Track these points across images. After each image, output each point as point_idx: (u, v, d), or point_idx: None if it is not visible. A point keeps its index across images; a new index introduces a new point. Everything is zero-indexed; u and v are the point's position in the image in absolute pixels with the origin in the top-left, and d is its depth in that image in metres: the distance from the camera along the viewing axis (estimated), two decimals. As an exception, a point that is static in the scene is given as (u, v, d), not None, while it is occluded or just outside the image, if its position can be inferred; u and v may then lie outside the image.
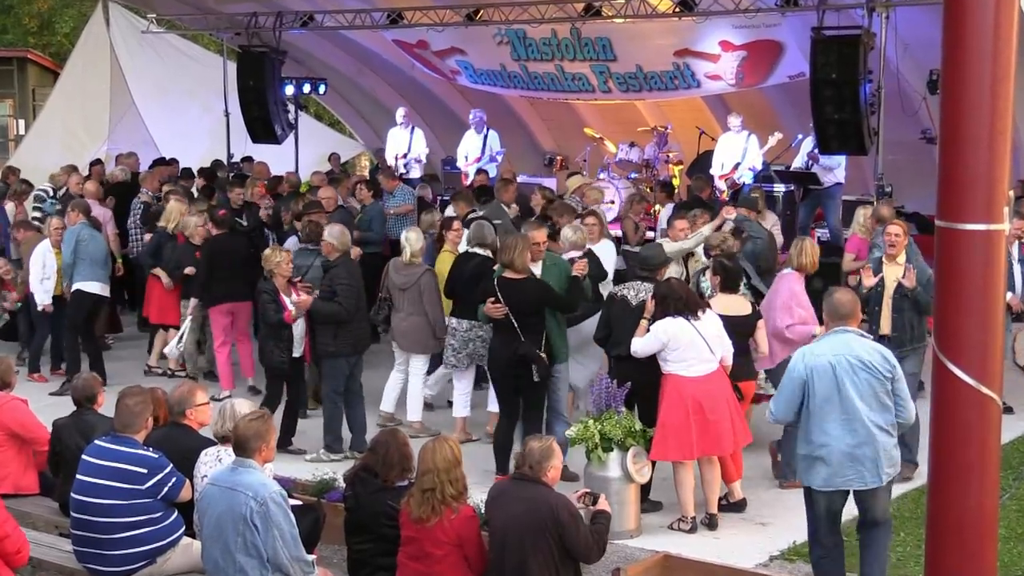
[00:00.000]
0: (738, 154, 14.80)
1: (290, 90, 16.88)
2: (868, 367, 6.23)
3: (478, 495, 6.40)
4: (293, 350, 9.37)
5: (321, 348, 9.28)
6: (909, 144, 14.08)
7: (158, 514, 6.29)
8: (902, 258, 8.77)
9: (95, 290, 11.43)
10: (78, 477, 6.36)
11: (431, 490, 5.91)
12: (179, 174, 16.02)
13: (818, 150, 13.00)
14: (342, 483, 6.95)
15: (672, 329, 7.63)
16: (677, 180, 16.44)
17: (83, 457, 6.41)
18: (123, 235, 13.40)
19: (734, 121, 14.98)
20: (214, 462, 6.39)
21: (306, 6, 16.48)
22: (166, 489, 6.27)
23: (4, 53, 30.06)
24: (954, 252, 4.42)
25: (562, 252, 9.24)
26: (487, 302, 8.45)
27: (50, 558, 6.65)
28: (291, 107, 16.82)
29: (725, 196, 14.82)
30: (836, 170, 13.82)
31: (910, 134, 13.97)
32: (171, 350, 11.14)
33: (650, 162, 16.72)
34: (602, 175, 16.85)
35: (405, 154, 17.05)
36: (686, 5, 14.03)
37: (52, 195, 14.34)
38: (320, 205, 11.78)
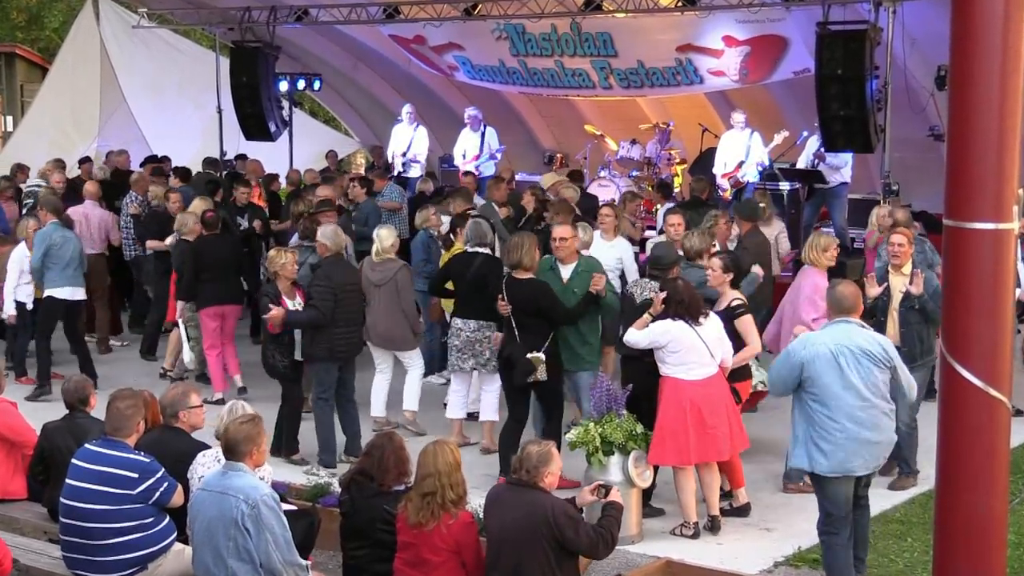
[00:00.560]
0: (741, 152, 14.80)
1: (284, 86, 16.86)
2: (869, 356, 6.48)
3: (476, 500, 6.40)
4: (295, 353, 9.28)
5: (302, 352, 9.20)
6: (916, 141, 14.08)
7: (149, 519, 6.28)
8: (908, 268, 8.62)
9: (66, 296, 11.25)
10: (68, 482, 6.35)
11: (431, 494, 5.91)
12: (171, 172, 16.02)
13: (824, 148, 12.99)
14: (337, 488, 6.95)
15: (674, 332, 7.62)
16: (680, 179, 16.44)
17: (73, 461, 6.40)
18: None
19: (737, 118, 14.98)
20: (212, 463, 6.37)
21: (300, 0, 16.47)
22: (158, 494, 6.26)
23: (-8, 48, 30.07)
24: (962, 252, 4.43)
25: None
26: (497, 299, 8.54)
27: (39, 565, 6.64)
28: (285, 104, 16.78)
29: (728, 195, 14.83)
30: (842, 169, 13.82)
31: (917, 131, 13.96)
32: (187, 356, 11.11)
33: (652, 160, 16.73)
34: (603, 173, 16.86)
35: (404, 152, 17.04)
36: (689, -1, 14.03)
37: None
38: (332, 204, 11.88)
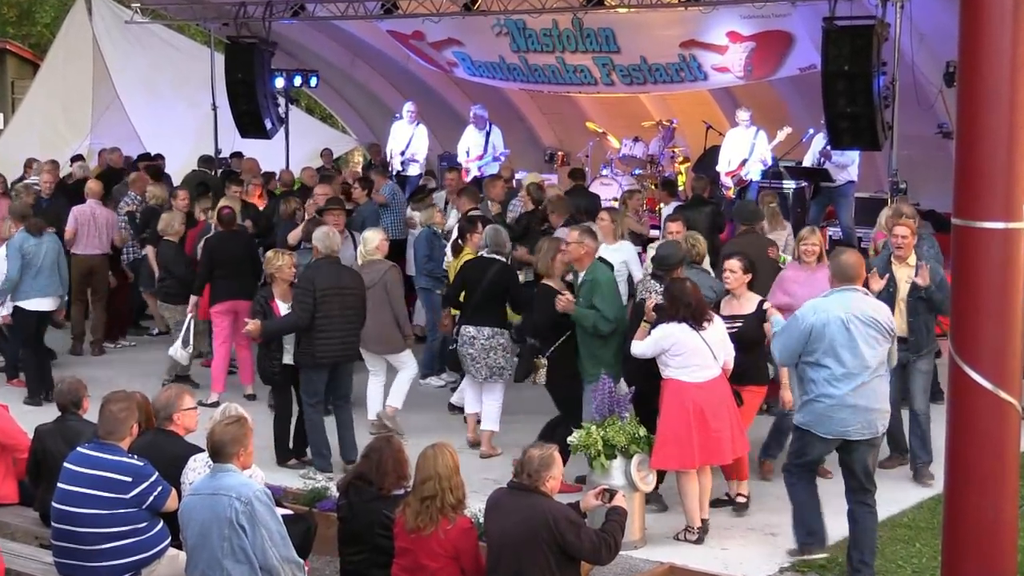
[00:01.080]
0: (746, 150, 14.81)
1: (280, 83, 16.85)
2: (876, 324, 6.86)
3: (476, 504, 6.40)
4: (284, 357, 9.26)
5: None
6: (924, 139, 14.08)
7: (143, 524, 6.27)
8: (913, 259, 8.73)
9: (35, 307, 11.15)
10: (60, 486, 6.35)
11: (431, 498, 5.91)
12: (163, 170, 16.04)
13: (830, 145, 12.99)
14: (335, 492, 6.95)
15: (677, 335, 7.62)
16: (683, 177, 16.45)
17: (65, 465, 6.40)
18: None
19: (742, 115, 14.99)
20: (204, 468, 6.37)
21: (297, -5, 16.47)
22: (151, 498, 6.26)
23: (-18, 44, 30.05)
24: (971, 251, 4.43)
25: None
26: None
27: (30, 571, 6.64)
28: (281, 101, 16.79)
29: (731, 194, 14.83)
30: (849, 167, 13.83)
31: (925, 128, 13.97)
32: (176, 352, 11.06)
33: (655, 158, 16.74)
34: (605, 171, 16.87)
35: (403, 151, 17.04)
36: (692, -6, 14.05)
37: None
38: (341, 203, 11.89)
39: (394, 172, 16.48)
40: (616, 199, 15.24)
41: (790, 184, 14.58)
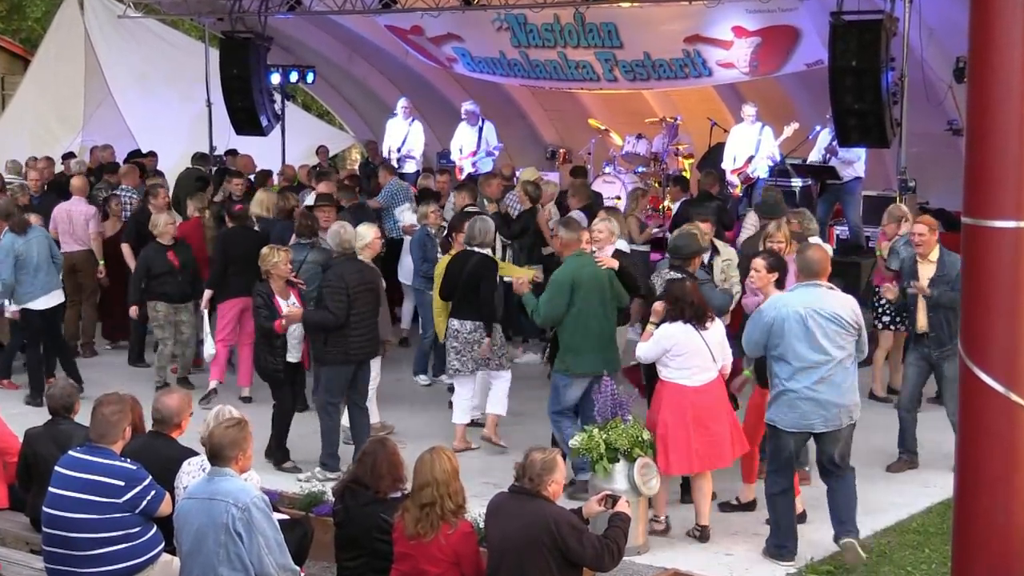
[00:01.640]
0: (751, 147, 14.81)
1: (276, 79, 16.86)
2: (837, 319, 7.13)
3: (477, 508, 6.40)
4: (288, 355, 9.32)
5: (314, 355, 9.26)
6: (934, 136, 14.06)
7: (136, 529, 6.27)
8: (935, 255, 8.93)
9: (41, 306, 11.21)
10: (51, 490, 6.34)
11: (430, 505, 5.91)
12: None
13: (837, 143, 13.00)
14: (331, 496, 6.95)
15: (678, 335, 7.67)
16: (688, 174, 16.45)
17: (56, 469, 6.39)
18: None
19: (748, 112, 14.98)
20: (198, 471, 6.39)
21: (293, -11, 16.47)
22: (144, 503, 6.25)
23: (-29, 39, 30.00)
24: (982, 251, 4.43)
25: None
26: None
27: (21, 576, 6.66)
28: (277, 97, 16.79)
29: (738, 192, 14.84)
30: (856, 164, 13.82)
31: (935, 125, 13.95)
32: (207, 351, 11.07)
33: (659, 155, 16.73)
34: (608, 169, 16.86)
35: (399, 148, 17.04)
36: (697, -12, 14.02)
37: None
38: (331, 199, 11.97)
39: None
40: (619, 197, 15.25)
41: (797, 182, 14.57)
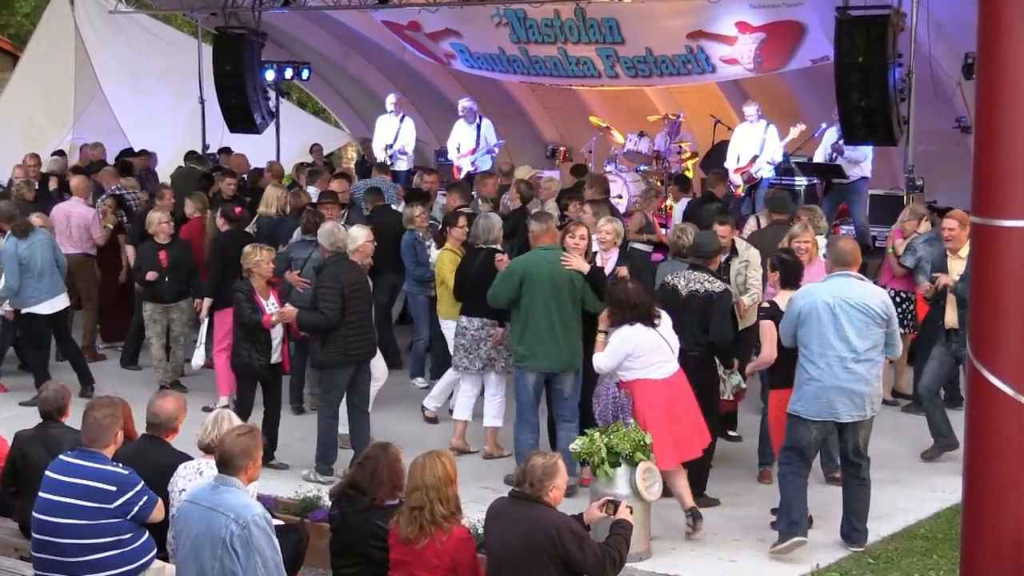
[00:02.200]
0: (755, 146, 14.78)
1: (271, 75, 16.87)
2: (865, 309, 7.27)
3: (476, 513, 6.40)
4: (272, 356, 9.31)
5: (312, 357, 9.24)
6: (942, 134, 14.08)
7: (128, 535, 6.26)
8: (965, 250, 9.04)
9: (46, 310, 11.18)
10: (40, 495, 6.33)
11: (419, 508, 5.91)
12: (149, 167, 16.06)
13: (843, 140, 12.99)
14: (327, 501, 6.94)
15: (634, 338, 7.79)
16: (691, 174, 16.44)
17: (46, 474, 6.38)
18: None
19: (749, 110, 14.93)
20: (194, 475, 6.38)
21: (288, -16, 16.48)
22: (136, 508, 6.25)
23: (-41, 35, 30.00)
24: (990, 250, 4.44)
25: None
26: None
27: (10, 584, 6.66)
28: (272, 94, 16.81)
29: (741, 192, 14.83)
30: (863, 163, 13.81)
31: (943, 123, 13.97)
32: (198, 360, 10.99)
33: (661, 153, 16.71)
34: (609, 167, 16.85)
35: (391, 145, 17.03)
36: (700, -17, 14.06)
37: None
38: (335, 196, 11.94)
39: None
40: (620, 196, 15.23)
41: (802, 181, 14.56)
